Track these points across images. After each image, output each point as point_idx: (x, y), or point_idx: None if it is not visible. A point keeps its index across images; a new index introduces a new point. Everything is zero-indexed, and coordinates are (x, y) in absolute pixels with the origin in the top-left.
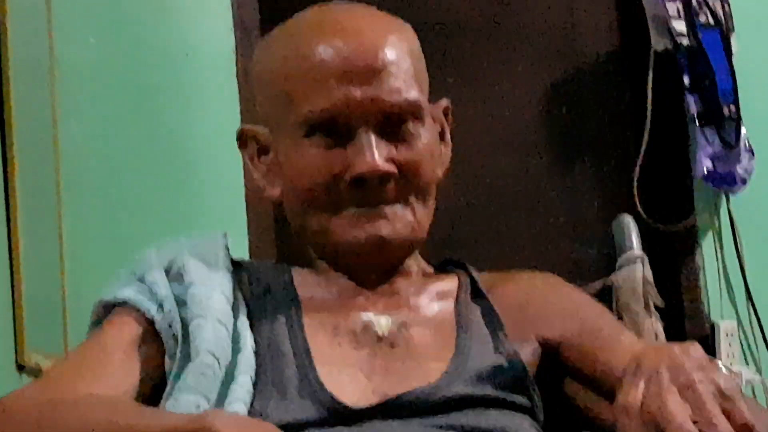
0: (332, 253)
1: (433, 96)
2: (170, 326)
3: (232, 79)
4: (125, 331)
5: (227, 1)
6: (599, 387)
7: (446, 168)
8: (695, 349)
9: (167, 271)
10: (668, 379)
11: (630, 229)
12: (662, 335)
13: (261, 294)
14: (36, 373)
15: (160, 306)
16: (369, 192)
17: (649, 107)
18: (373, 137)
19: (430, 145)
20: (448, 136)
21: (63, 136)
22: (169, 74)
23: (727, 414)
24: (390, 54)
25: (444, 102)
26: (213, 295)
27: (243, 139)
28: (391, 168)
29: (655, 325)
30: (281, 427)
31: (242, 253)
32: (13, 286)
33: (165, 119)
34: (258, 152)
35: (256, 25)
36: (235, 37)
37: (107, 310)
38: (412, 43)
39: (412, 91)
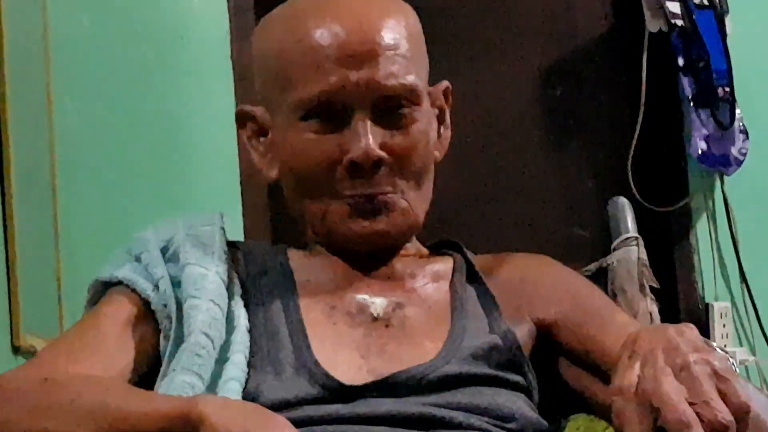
0: (329, 238)
1: (429, 77)
2: (165, 306)
3: (227, 60)
4: (120, 311)
5: None
6: (594, 368)
7: (446, 150)
8: (690, 330)
9: (163, 252)
10: (663, 360)
11: (625, 211)
12: (657, 316)
13: (257, 275)
14: (31, 355)
15: (156, 286)
16: (364, 177)
17: (644, 88)
18: (368, 122)
19: (426, 129)
20: (447, 119)
21: (57, 119)
22: (163, 55)
23: (723, 395)
24: (387, 37)
25: (444, 84)
26: (208, 276)
27: (241, 120)
28: (383, 154)
29: (650, 306)
30: (276, 404)
31: (237, 234)
32: (8, 267)
33: (159, 100)
34: (256, 133)
35: (251, 6)
36: (230, 19)
37: (103, 288)
38: (412, 25)
39: (409, 76)
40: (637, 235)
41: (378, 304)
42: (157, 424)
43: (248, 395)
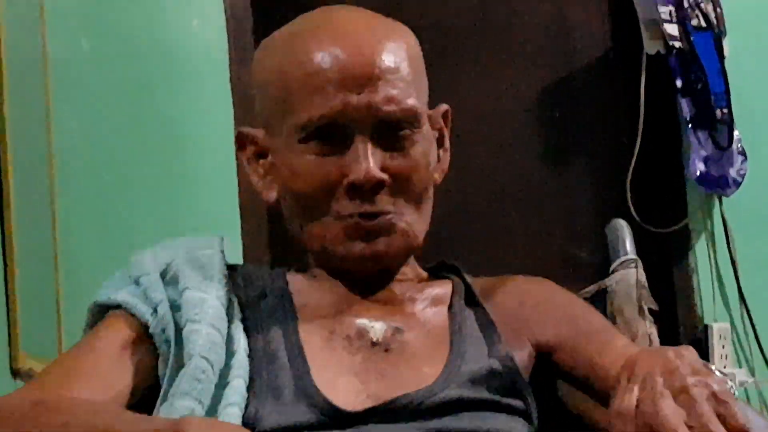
0: (328, 260)
1: (428, 99)
2: (164, 330)
3: (226, 83)
4: (118, 335)
5: (220, 4)
6: (593, 391)
7: (445, 173)
8: (689, 353)
9: (163, 275)
10: (662, 383)
11: (624, 234)
12: (656, 339)
13: (256, 299)
14: (30, 378)
15: (155, 310)
16: (363, 199)
17: (642, 110)
18: (369, 145)
19: (425, 152)
20: (447, 142)
21: (57, 141)
22: (162, 76)
23: (722, 418)
24: (387, 61)
25: (443, 107)
26: (207, 300)
27: (241, 142)
28: (384, 176)
29: (649, 328)
30: (276, 430)
31: (236, 256)
32: (6, 290)
33: (158, 122)
34: (256, 155)
35: (250, 29)
36: (229, 41)
37: (102, 311)
38: (411, 48)
39: (409, 99)
40: (635, 257)
41: (377, 328)
42: None
43: (248, 421)
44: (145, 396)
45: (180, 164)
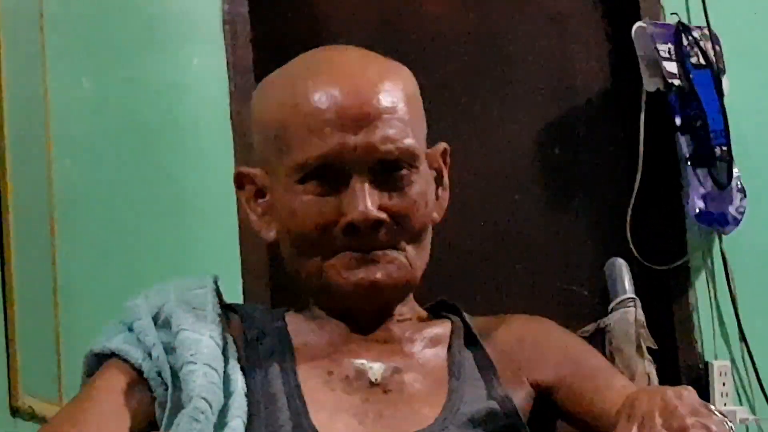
0: (326, 296)
1: (428, 138)
2: (159, 374)
3: (227, 120)
4: (114, 382)
5: (221, 43)
6: (592, 430)
7: (444, 211)
8: (689, 393)
9: (155, 319)
10: (661, 423)
11: (622, 273)
12: (655, 378)
13: (254, 339)
14: (29, 416)
15: (148, 354)
16: (361, 238)
17: (642, 147)
18: (366, 185)
19: (423, 191)
20: (446, 180)
21: (57, 180)
22: (163, 115)
23: None
24: (385, 101)
25: (442, 145)
26: (202, 341)
27: (240, 182)
28: (383, 215)
29: (647, 367)
30: None
31: (236, 295)
32: (6, 329)
33: (159, 160)
34: (255, 194)
35: (250, 66)
36: (229, 79)
37: (98, 360)
38: (409, 87)
39: (407, 139)
40: (634, 296)
41: (376, 369)
42: None
43: None
44: None
45: (180, 203)
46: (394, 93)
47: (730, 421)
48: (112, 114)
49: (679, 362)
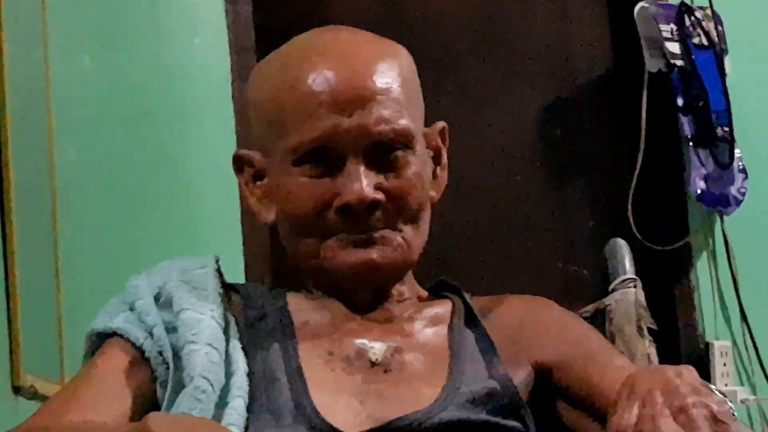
0: (323, 277)
1: (428, 117)
2: (160, 354)
3: (228, 100)
4: (115, 362)
5: (223, 23)
6: (592, 410)
7: (443, 190)
8: (689, 372)
9: (157, 298)
10: (662, 402)
11: (623, 253)
12: (655, 358)
13: (256, 319)
14: (31, 395)
15: (150, 334)
16: (358, 219)
17: (644, 128)
18: (361, 166)
19: (420, 171)
20: (444, 159)
21: (59, 160)
22: (164, 95)
23: None
24: (379, 82)
25: (440, 124)
26: (204, 320)
27: (238, 165)
28: (379, 196)
29: (648, 347)
30: None
31: (238, 275)
32: (9, 307)
33: (161, 141)
34: (253, 177)
35: (252, 46)
36: (231, 59)
37: (99, 339)
38: (405, 67)
39: (402, 120)
40: (634, 276)
41: (377, 349)
42: None
43: None
44: None
45: (181, 183)
46: (389, 74)
47: (731, 401)
48: (113, 94)
49: (680, 342)
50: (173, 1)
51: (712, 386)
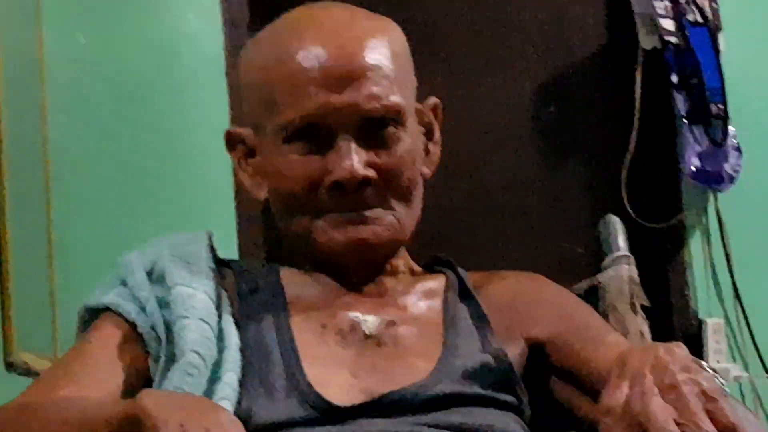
0: (315, 254)
1: (420, 96)
2: (153, 329)
3: (222, 77)
4: (108, 337)
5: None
6: (584, 386)
7: (435, 166)
8: (680, 349)
9: (149, 273)
10: (652, 380)
11: (616, 230)
12: (648, 335)
13: (248, 293)
14: (24, 371)
15: (143, 309)
16: (349, 197)
17: (638, 105)
18: (352, 143)
19: (411, 148)
20: (437, 135)
21: (52, 135)
22: (158, 71)
23: (711, 415)
24: (370, 58)
25: (432, 100)
26: (196, 295)
27: (231, 142)
28: (370, 173)
29: (641, 324)
30: (268, 426)
31: (231, 251)
32: (2, 284)
33: (154, 117)
34: (245, 155)
35: (246, 22)
36: (225, 35)
37: (93, 315)
38: (396, 43)
39: (392, 96)
40: (628, 253)
41: (370, 322)
42: (110, 427)
43: (240, 416)
44: None
45: (175, 159)
46: (380, 50)
47: (723, 378)
48: (107, 70)
49: (673, 320)
50: None
51: (703, 363)
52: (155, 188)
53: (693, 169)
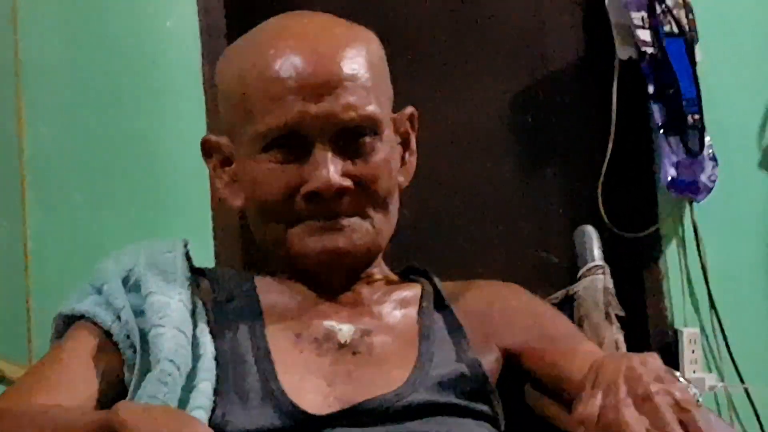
0: (290, 262)
1: (399, 102)
2: (128, 337)
3: (199, 85)
4: (83, 345)
5: (194, 7)
6: (559, 396)
7: (411, 175)
8: (654, 360)
9: (125, 281)
10: (625, 390)
11: (591, 240)
12: (623, 345)
13: (223, 302)
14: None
15: (118, 317)
16: (325, 205)
17: (614, 115)
18: (329, 152)
19: (387, 157)
20: (413, 144)
21: (29, 142)
22: (135, 79)
23: (684, 426)
24: (346, 68)
25: (409, 109)
26: (171, 304)
27: (207, 150)
28: (346, 182)
29: (615, 334)
30: None
31: (208, 259)
32: None
33: (131, 124)
34: (221, 162)
35: (223, 29)
36: (202, 43)
37: (67, 323)
38: (373, 53)
39: (369, 106)
40: (603, 263)
41: (345, 331)
42: None
43: (214, 425)
44: (113, 403)
45: (152, 166)
46: (357, 59)
47: (698, 388)
48: (84, 76)
49: (649, 329)
50: None
51: (677, 373)
52: (132, 195)
53: (669, 179)
